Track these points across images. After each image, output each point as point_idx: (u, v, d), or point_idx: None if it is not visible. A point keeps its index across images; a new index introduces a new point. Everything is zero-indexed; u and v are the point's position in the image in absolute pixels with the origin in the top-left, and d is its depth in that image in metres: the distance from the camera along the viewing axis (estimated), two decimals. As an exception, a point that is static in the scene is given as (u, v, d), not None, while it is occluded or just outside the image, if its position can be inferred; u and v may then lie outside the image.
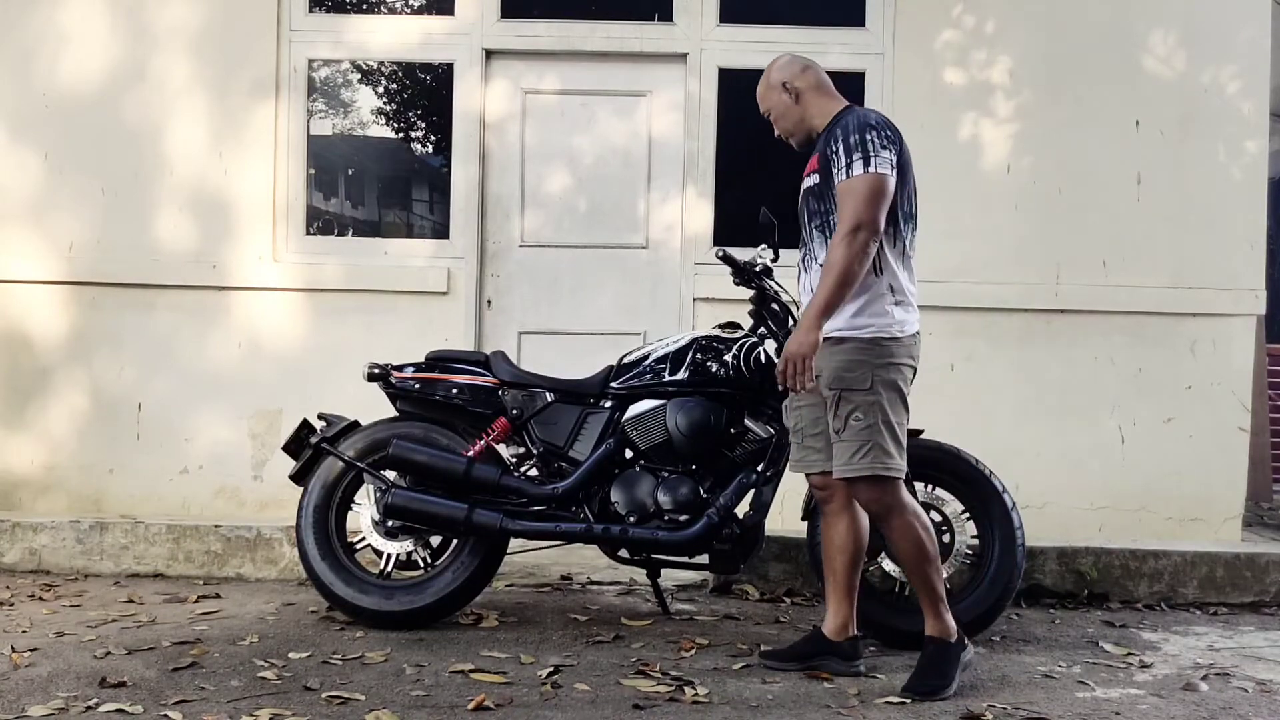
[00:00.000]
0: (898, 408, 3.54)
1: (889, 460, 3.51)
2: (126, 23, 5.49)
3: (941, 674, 3.52)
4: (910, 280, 3.60)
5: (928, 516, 3.74)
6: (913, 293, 3.60)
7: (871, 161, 3.45)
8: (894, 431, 3.52)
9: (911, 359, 3.58)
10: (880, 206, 3.45)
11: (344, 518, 4.33)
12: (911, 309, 3.59)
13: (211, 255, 5.48)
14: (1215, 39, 5.43)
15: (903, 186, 3.55)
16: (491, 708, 3.28)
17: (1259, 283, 5.44)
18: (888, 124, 3.56)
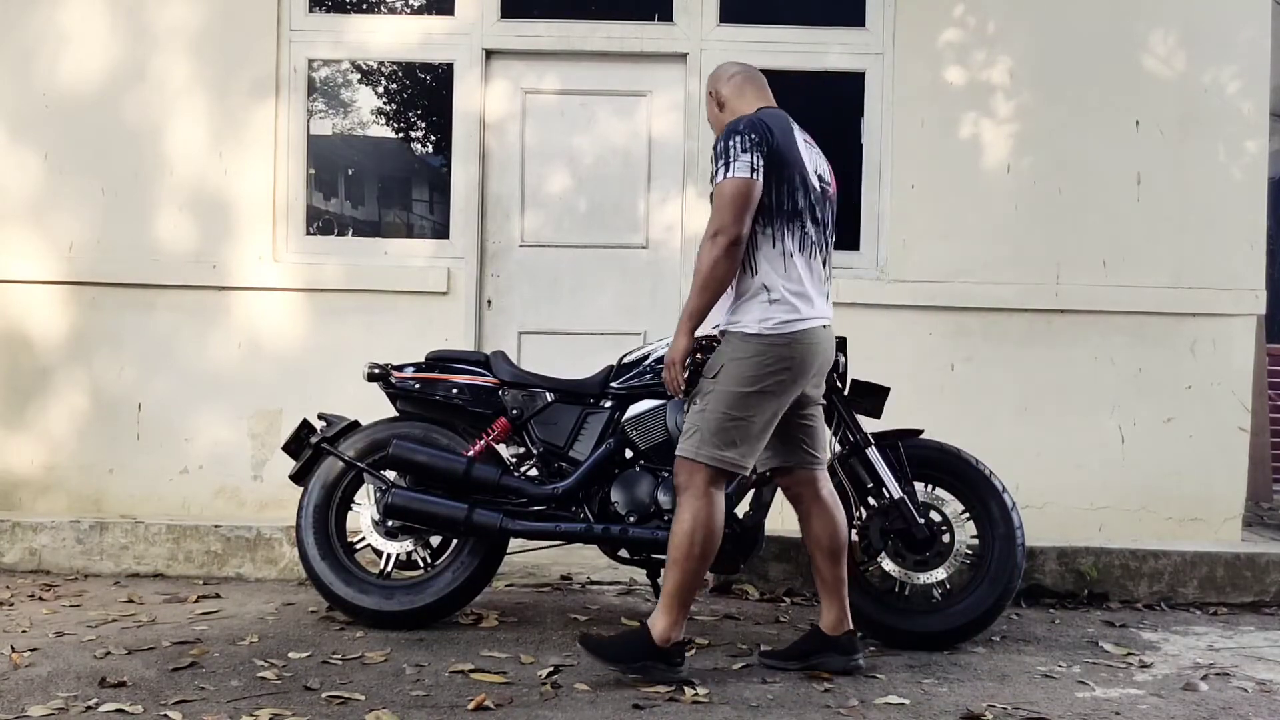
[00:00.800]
0: (731, 398, 3.51)
1: (713, 451, 3.51)
2: (126, 23, 5.49)
3: (631, 654, 3.54)
4: (796, 280, 3.55)
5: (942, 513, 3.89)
6: (796, 292, 3.54)
7: (731, 167, 3.49)
8: (724, 423, 3.51)
9: (774, 359, 3.51)
10: (738, 210, 3.47)
11: (344, 518, 4.33)
12: (790, 308, 3.52)
13: (211, 255, 5.48)
14: (1215, 39, 5.43)
15: (783, 183, 3.54)
16: (491, 708, 3.28)
17: (1259, 283, 5.44)
18: (756, 126, 3.53)
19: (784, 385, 3.55)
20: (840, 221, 5.49)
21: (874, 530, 4.07)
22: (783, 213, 3.55)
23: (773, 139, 3.53)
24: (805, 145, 3.68)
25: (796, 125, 3.71)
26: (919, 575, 4.10)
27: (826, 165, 3.78)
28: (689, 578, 3.54)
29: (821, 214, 3.66)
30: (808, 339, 3.56)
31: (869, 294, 5.41)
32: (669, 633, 3.54)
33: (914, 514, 4.04)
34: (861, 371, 4.26)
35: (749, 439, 3.55)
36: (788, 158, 3.56)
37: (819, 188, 3.67)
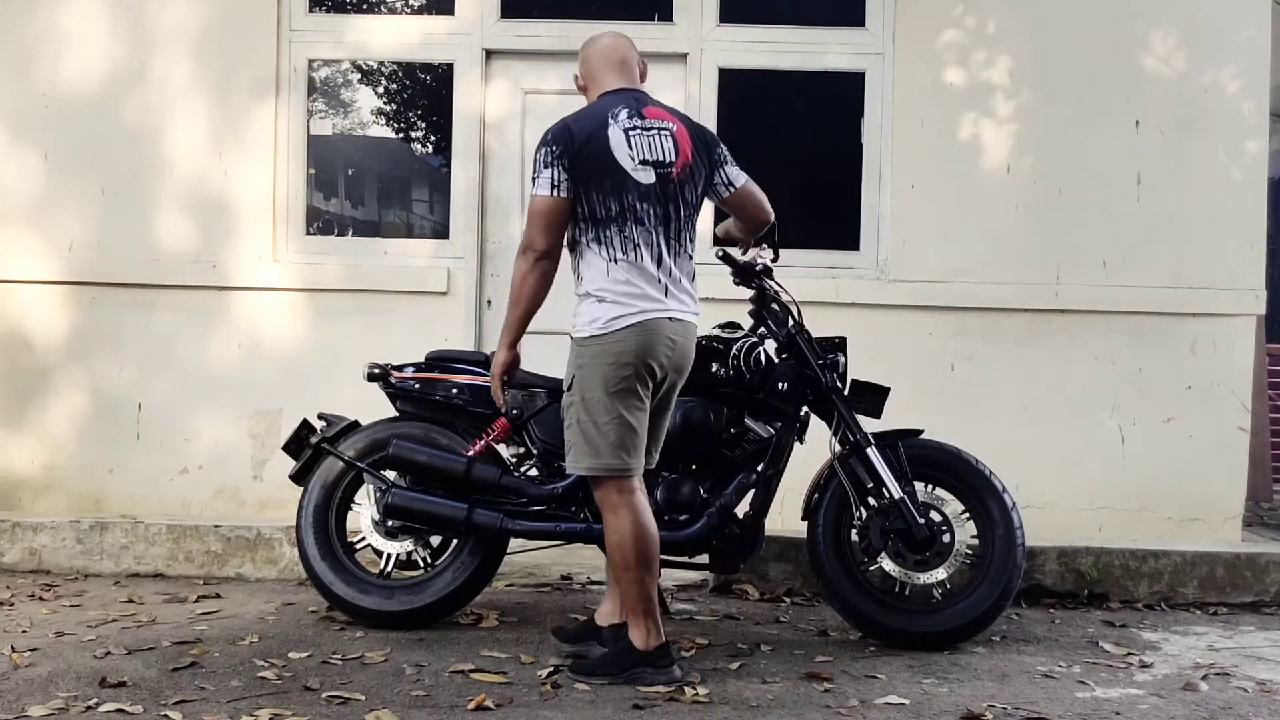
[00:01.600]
0: (594, 405, 3.50)
1: (593, 460, 3.52)
2: (126, 23, 5.49)
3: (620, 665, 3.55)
4: (623, 281, 3.49)
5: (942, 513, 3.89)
6: (626, 292, 3.49)
7: (535, 182, 3.52)
8: (592, 431, 3.51)
9: (624, 354, 3.47)
10: (541, 226, 3.49)
11: (344, 518, 4.33)
12: (619, 305, 3.48)
13: (211, 255, 5.48)
14: (1215, 39, 5.42)
15: (592, 191, 3.49)
16: (491, 708, 3.28)
17: (1259, 283, 5.44)
18: (560, 136, 3.50)
19: (633, 380, 3.49)
20: (840, 221, 5.59)
21: (874, 530, 4.07)
22: (596, 220, 3.50)
23: (576, 147, 3.47)
24: (637, 132, 3.53)
25: (631, 109, 3.55)
26: (919, 575, 4.09)
27: (673, 144, 3.57)
28: (638, 587, 3.53)
29: (651, 207, 3.52)
30: (642, 330, 3.48)
31: (869, 294, 5.41)
32: (645, 642, 3.55)
33: (914, 514, 4.04)
34: (861, 371, 4.27)
35: (623, 440, 3.51)
36: (596, 164, 3.48)
37: (649, 180, 3.52)
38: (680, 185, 3.58)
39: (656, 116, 3.60)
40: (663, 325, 3.52)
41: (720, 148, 3.75)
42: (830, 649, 4.03)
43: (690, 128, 3.69)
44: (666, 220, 3.56)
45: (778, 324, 4.15)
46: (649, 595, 3.55)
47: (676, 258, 3.59)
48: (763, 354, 4.11)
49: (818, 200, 5.83)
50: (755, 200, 3.84)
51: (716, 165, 3.71)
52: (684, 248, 3.62)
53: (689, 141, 3.62)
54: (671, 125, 3.61)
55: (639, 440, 3.55)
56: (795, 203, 5.64)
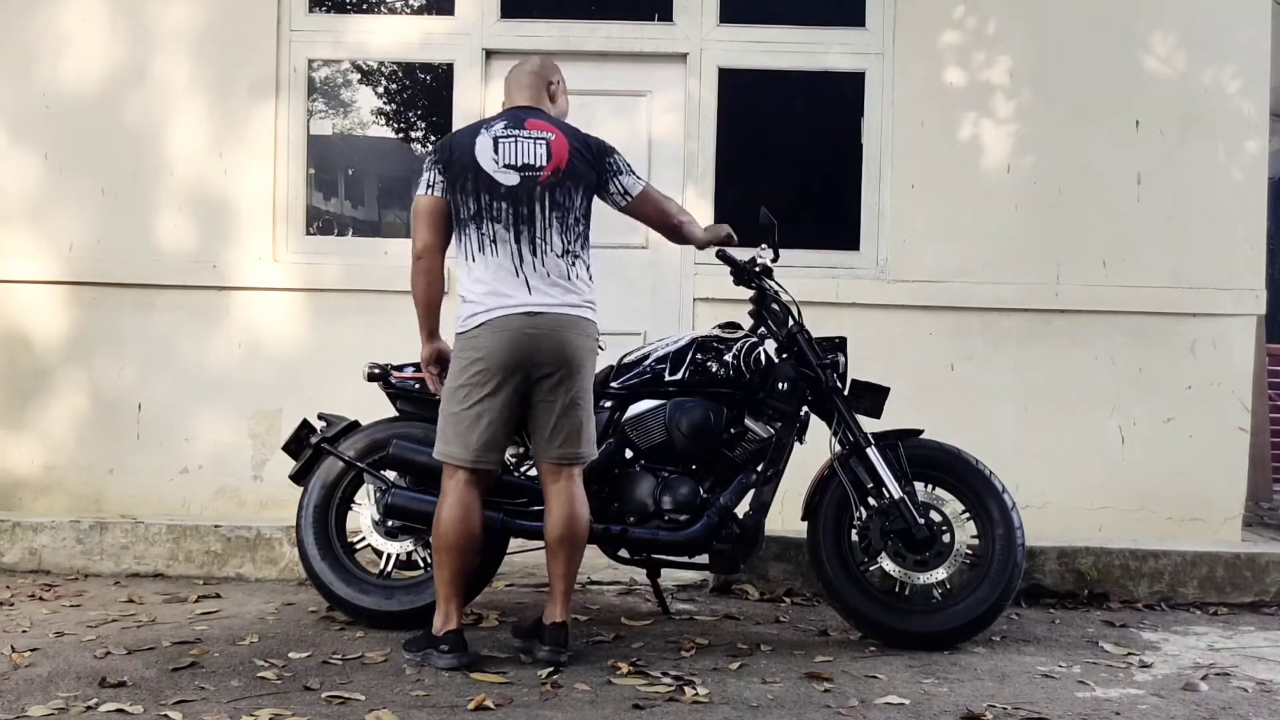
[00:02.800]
0: (448, 399, 3.75)
1: (440, 446, 3.75)
2: (126, 23, 5.49)
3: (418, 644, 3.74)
4: (481, 279, 3.70)
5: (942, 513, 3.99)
6: (485, 290, 3.69)
7: (419, 185, 3.81)
8: (446, 420, 3.74)
9: (469, 350, 3.69)
10: (417, 225, 3.80)
11: (344, 518, 4.33)
12: (476, 304, 3.70)
13: (211, 255, 5.48)
14: (1215, 39, 5.42)
15: (457, 192, 3.72)
16: (491, 708, 3.28)
17: (1259, 283, 5.44)
18: (440, 145, 3.81)
19: (485, 376, 3.67)
20: (840, 221, 5.59)
21: (874, 530, 4.07)
22: (459, 220, 3.75)
23: (449, 153, 3.75)
24: (508, 140, 3.73)
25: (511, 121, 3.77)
26: (919, 575, 4.09)
27: (546, 151, 3.73)
28: (440, 569, 3.74)
29: (511, 207, 3.69)
30: (494, 328, 3.66)
31: (869, 294, 5.41)
32: (440, 622, 3.71)
33: (914, 514, 4.04)
34: (861, 371, 4.27)
35: (465, 432, 3.70)
36: (461, 166, 3.72)
37: (512, 181, 3.69)
38: (548, 188, 3.73)
39: (536, 128, 3.79)
40: (514, 321, 3.66)
41: (613, 157, 3.88)
42: (830, 649, 4.03)
43: (574, 139, 3.82)
44: (530, 220, 3.71)
45: (778, 324, 4.16)
46: (446, 581, 3.72)
47: (544, 255, 3.71)
48: (763, 354, 4.12)
49: (818, 200, 5.84)
50: (656, 207, 3.96)
51: (609, 175, 3.86)
52: (550, 247, 3.72)
53: (566, 149, 3.78)
54: (549, 135, 3.78)
55: (482, 436, 3.70)
56: (795, 203, 5.67)
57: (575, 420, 3.77)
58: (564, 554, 3.77)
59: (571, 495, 3.77)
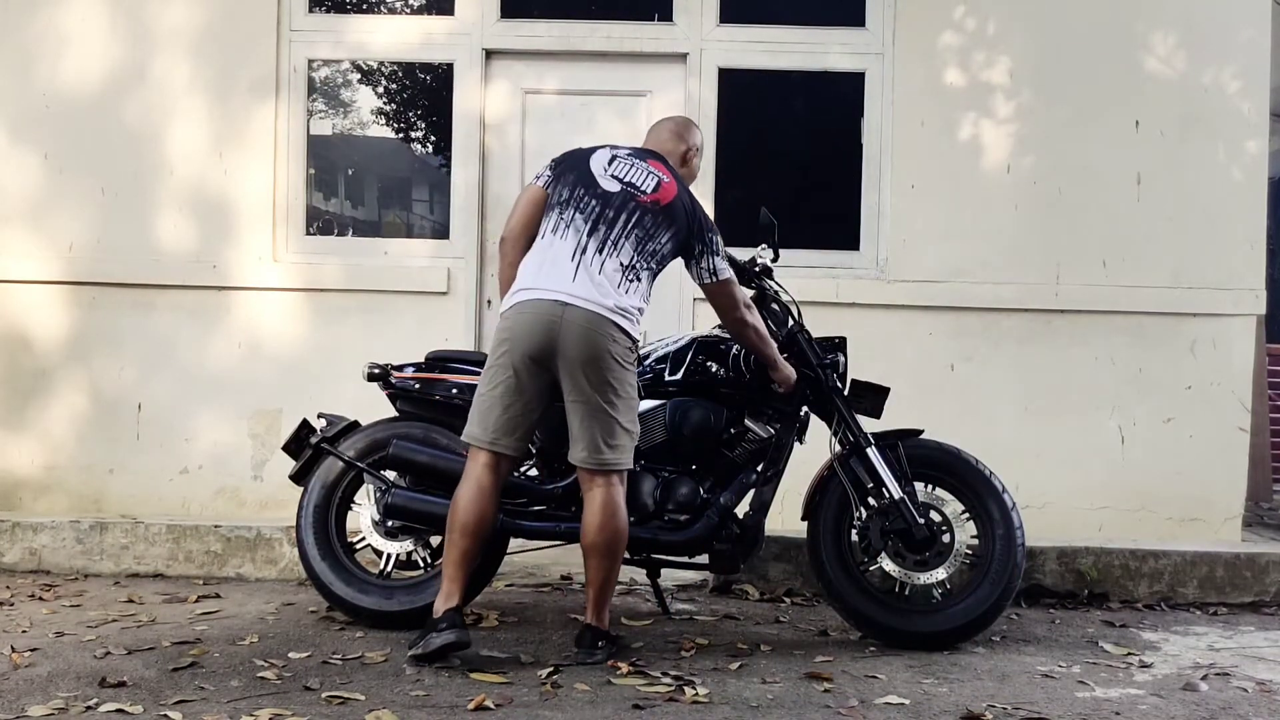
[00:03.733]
0: (483, 378, 3.81)
1: (467, 426, 3.81)
2: (127, 24, 5.49)
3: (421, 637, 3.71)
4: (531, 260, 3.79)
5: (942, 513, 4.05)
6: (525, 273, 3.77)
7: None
8: (475, 401, 3.81)
9: (503, 329, 3.75)
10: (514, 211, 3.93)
11: (344, 518, 4.33)
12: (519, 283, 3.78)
13: (211, 255, 5.48)
14: (1215, 39, 5.42)
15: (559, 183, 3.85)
16: (491, 708, 3.28)
17: (1259, 283, 5.44)
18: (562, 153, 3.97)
19: (509, 358, 3.71)
20: (840, 221, 5.59)
21: (874, 530, 4.07)
22: (549, 204, 3.84)
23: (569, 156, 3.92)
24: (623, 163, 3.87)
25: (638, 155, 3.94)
26: (919, 575, 4.09)
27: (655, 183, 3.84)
28: (450, 548, 3.76)
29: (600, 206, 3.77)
30: (525, 310, 3.70)
31: (869, 294, 5.41)
32: (441, 602, 3.73)
33: (914, 514, 4.04)
34: (861, 371, 4.27)
35: (486, 413, 3.75)
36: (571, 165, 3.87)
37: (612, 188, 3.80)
38: (642, 210, 3.78)
39: (656, 167, 3.90)
40: (545, 306, 3.67)
41: (714, 235, 3.90)
42: (830, 649, 4.03)
43: (685, 196, 3.89)
44: (611, 224, 3.75)
45: (778, 324, 4.16)
46: (453, 562, 3.74)
47: (607, 258, 3.72)
48: (763, 354, 4.11)
49: (818, 200, 5.84)
50: (726, 297, 3.93)
51: (704, 249, 3.88)
52: (618, 252, 3.74)
53: (674, 194, 3.85)
54: (664, 176, 3.88)
55: (501, 417, 3.73)
56: (795, 203, 5.67)
57: (601, 425, 3.71)
58: (593, 560, 3.78)
59: (603, 503, 3.73)
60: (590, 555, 3.78)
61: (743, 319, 3.95)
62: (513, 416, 3.73)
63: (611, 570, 3.81)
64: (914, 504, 4.05)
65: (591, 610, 3.82)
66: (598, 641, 3.79)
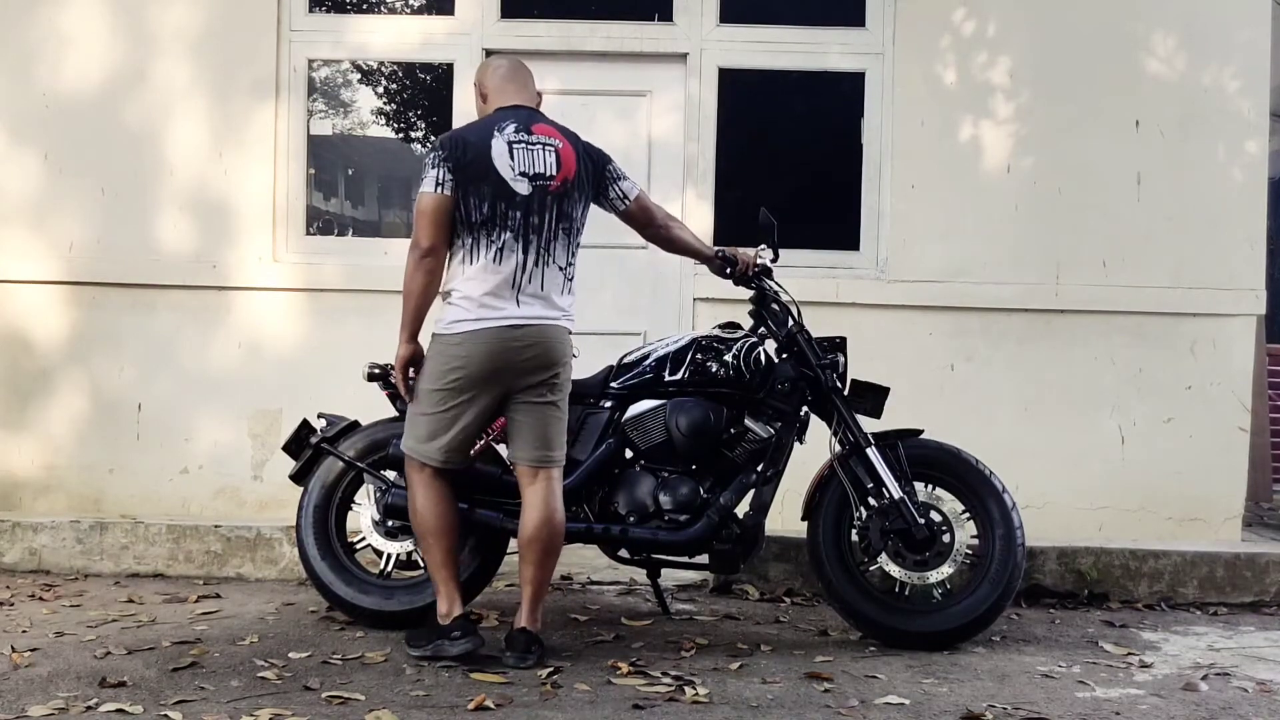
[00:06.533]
0: (422, 400, 3.78)
1: (408, 442, 3.81)
2: (127, 24, 5.49)
3: (425, 638, 3.76)
4: (477, 284, 3.68)
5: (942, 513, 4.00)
6: (477, 295, 3.68)
7: (423, 181, 3.72)
8: (417, 416, 3.79)
9: (450, 356, 3.70)
10: (424, 223, 3.70)
11: (344, 518, 4.33)
12: (464, 310, 3.70)
13: (211, 255, 5.48)
14: (1215, 39, 5.42)
15: (470, 196, 3.68)
16: (491, 708, 3.28)
17: (1259, 283, 5.44)
18: (447, 142, 3.73)
19: (463, 382, 3.70)
20: (840, 221, 5.59)
21: (874, 530, 4.07)
22: (469, 224, 3.69)
23: (464, 153, 3.68)
24: (521, 146, 3.71)
25: (520, 124, 3.73)
26: (919, 575, 4.09)
27: (556, 159, 3.73)
28: (430, 554, 3.80)
29: (523, 216, 3.69)
30: (480, 339, 3.67)
31: (869, 294, 5.41)
32: (445, 608, 3.75)
33: (914, 514, 4.04)
34: (861, 371, 4.27)
35: (438, 434, 3.75)
36: (476, 170, 3.67)
37: (526, 191, 3.69)
38: (558, 198, 3.75)
39: (544, 133, 3.78)
40: (499, 333, 3.68)
41: (612, 164, 3.93)
42: (830, 649, 4.03)
43: (577, 145, 3.84)
44: (538, 230, 3.73)
45: (778, 324, 4.16)
46: (439, 565, 3.78)
47: (544, 267, 3.74)
48: (763, 354, 4.12)
49: (818, 200, 5.84)
50: (647, 209, 4.01)
51: (609, 180, 3.91)
52: (553, 258, 3.76)
53: (574, 158, 3.79)
54: (557, 142, 3.78)
55: (454, 438, 3.76)
56: (795, 203, 5.66)
57: (551, 425, 3.80)
58: (536, 556, 3.77)
59: (545, 496, 3.78)
60: (531, 551, 3.76)
61: (668, 224, 4.05)
62: (467, 437, 3.80)
63: (551, 568, 3.84)
64: (914, 504, 4.05)
65: (528, 612, 3.78)
66: (531, 646, 3.72)
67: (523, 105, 3.83)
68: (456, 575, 3.82)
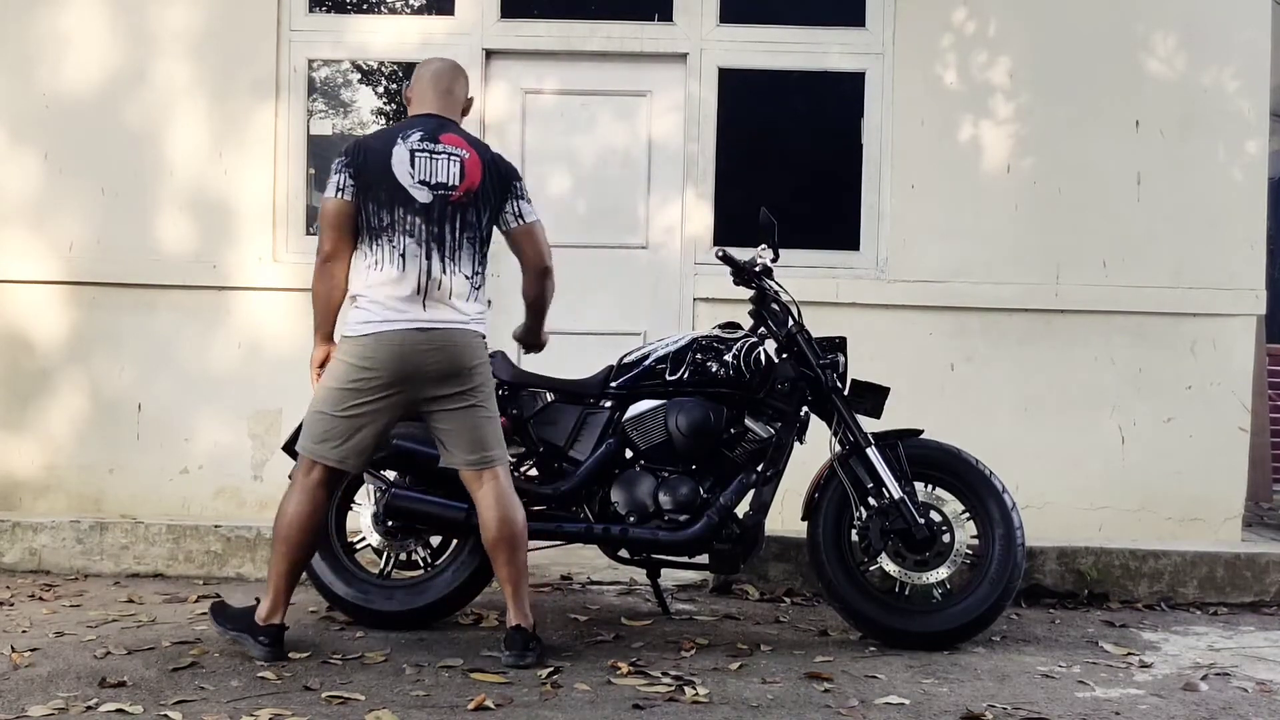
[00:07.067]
0: (324, 399, 3.75)
1: (303, 441, 3.78)
2: (127, 24, 5.49)
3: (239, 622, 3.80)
4: (381, 288, 3.69)
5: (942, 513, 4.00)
6: (381, 299, 3.68)
7: (327, 186, 3.76)
8: (316, 417, 3.76)
9: (356, 358, 3.70)
10: (323, 229, 3.76)
11: (344, 518, 4.33)
12: (370, 312, 3.70)
13: (211, 255, 5.48)
14: (1215, 39, 5.43)
15: (370, 201, 3.70)
16: (491, 708, 3.28)
17: (1259, 283, 5.44)
18: (351, 148, 3.78)
19: (369, 384, 3.69)
20: (840, 221, 5.59)
21: (874, 530, 4.07)
22: (370, 229, 3.71)
23: (362, 159, 3.72)
24: (424, 154, 3.72)
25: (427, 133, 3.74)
26: (919, 575, 4.09)
27: (460, 170, 3.74)
28: (278, 560, 3.77)
29: (423, 224, 3.69)
30: (385, 340, 3.67)
31: (869, 294, 5.42)
32: (266, 614, 3.74)
33: (914, 514, 4.04)
34: (861, 371, 4.27)
35: (339, 436, 3.72)
36: (375, 176, 3.70)
37: (426, 199, 3.70)
38: (460, 208, 3.75)
39: (450, 143, 3.78)
40: (407, 335, 3.67)
41: (519, 183, 3.90)
42: (830, 649, 4.03)
43: (485, 157, 3.83)
44: (440, 239, 3.72)
45: (778, 324, 4.16)
46: (282, 574, 3.76)
47: (449, 275, 3.73)
48: (763, 354, 4.12)
49: (818, 200, 5.84)
50: (534, 243, 3.90)
51: (511, 197, 3.87)
52: (458, 266, 3.75)
53: (479, 169, 3.78)
54: (463, 152, 3.78)
55: (357, 442, 3.73)
56: (795, 203, 5.66)
57: (484, 427, 3.78)
58: (504, 555, 3.75)
59: (497, 495, 3.75)
60: (500, 550, 3.74)
61: (549, 270, 3.95)
62: (370, 441, 3.76)
63: (523, 561, 3.79)
64: (914, 504, 4.05)
65: (515, 609, 3.74)
66: (529, 644, 3.71)
67: (435, 114, 3.83)
68: (292, 588, 3.79)
